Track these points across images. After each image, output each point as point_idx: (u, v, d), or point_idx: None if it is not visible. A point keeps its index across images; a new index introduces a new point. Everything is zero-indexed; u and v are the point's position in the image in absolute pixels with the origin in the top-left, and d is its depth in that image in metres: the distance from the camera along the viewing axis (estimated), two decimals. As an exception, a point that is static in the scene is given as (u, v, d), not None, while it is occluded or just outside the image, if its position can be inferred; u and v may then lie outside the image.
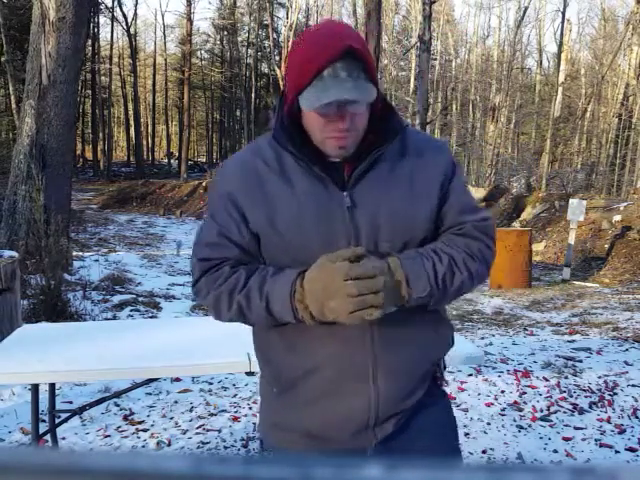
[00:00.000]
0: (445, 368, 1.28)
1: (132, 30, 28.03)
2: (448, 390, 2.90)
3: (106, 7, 26.89)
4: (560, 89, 19.75)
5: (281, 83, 25.47)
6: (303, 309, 1.04)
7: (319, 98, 1.02)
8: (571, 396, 3.40)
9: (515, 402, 3.29)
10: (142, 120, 32.14)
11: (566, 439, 2.84)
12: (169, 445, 2.76)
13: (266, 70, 32.62)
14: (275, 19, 30.34)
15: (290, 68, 1.08)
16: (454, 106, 26.89)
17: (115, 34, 29.81)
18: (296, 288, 1.04)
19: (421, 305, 1.11)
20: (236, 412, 3.12)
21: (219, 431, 2.89)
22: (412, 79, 22.23)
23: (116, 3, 26.48)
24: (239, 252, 1.13)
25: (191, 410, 3.14)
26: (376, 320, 1.07)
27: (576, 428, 2.96)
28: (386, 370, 1.12)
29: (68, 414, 2.54)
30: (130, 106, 30.03)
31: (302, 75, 1.04)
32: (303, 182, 1.11)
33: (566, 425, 3.00)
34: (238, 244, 1.13)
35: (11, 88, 14.38)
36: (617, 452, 2.73)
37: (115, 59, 30.26)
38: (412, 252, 1.11)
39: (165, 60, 32.92)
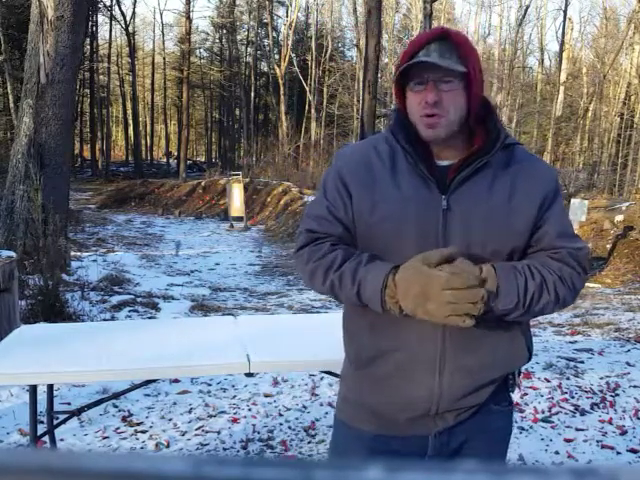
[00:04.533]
0: (520, 375, 1.32)
1: (131, 29, 27.96)
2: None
3: (104, 5, 26.84)
4: (562, 88, 19.75)
5: (281, 82, 25.50)
6: (393, 303, 1.09)
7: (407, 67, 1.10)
8: (572, 397, 3.38)
9: (516, 403, 3.27)
10: (141, 119, 32.12)
11: (567, 440, 2.82)
12: (168, 447, 2.74)
13: (265, 69, 32.57)
14: (275, 17, 30.34)
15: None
16: (454, 105, 26.84)
17: (113, 33, 29.78)
18: (388, 283, 1.08)
19: (500, 315, 1.15)
20: (235, 413, 3.10)
21: (218, 433, 2.87)
22: (412, 78, 22.19)
23: (114, 2, 26.45)
24: (343, 230, 1.21)
25: (190, 411, 3.12)
26: None
27: (577, 429, 2.94)
28: (453, 368, 1.17)
29: (66, 415, 2.52)
30: (129, 105, 29.96)
31: (402, 60, 1.14)
32: (410, 180, 1.17)
33: (567, 426, 2.98)
34: (343, 222, 1.20)
35: (9, 87, 14.38)
36: (619, 453, 2.72)
37: (113, 58, 30.18)
38: (507, 264, 1.14)
39: (164, 59, 32.87)
